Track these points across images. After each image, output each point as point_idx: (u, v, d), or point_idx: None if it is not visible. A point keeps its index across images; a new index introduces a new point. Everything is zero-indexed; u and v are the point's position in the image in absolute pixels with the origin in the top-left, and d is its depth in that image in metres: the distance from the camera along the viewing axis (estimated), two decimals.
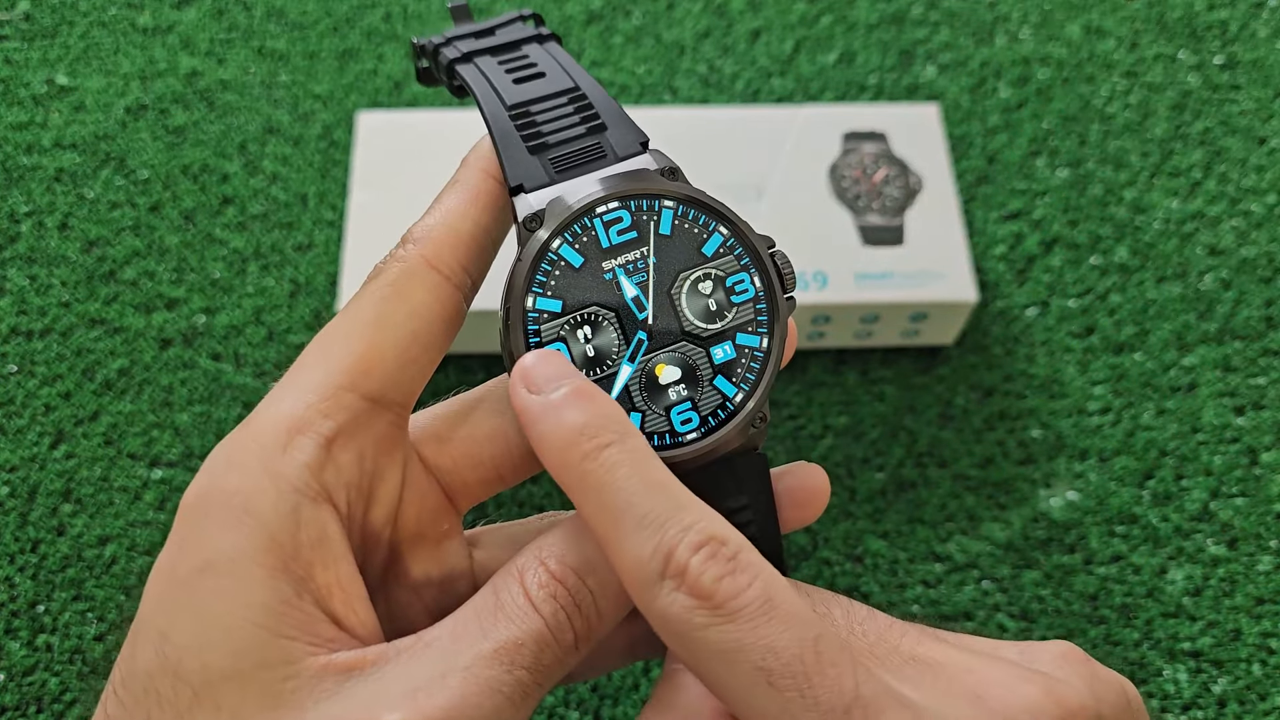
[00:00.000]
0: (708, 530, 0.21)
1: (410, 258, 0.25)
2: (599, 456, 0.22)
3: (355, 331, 0.24)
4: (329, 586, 0.22)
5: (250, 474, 0.22)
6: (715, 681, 0.21)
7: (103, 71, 0.52)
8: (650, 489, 0.21)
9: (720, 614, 0.20)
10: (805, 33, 0.55)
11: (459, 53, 0.28)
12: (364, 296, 0.24)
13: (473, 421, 0.26)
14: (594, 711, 0.39)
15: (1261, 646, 0.41)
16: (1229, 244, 0.50)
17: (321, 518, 0.22)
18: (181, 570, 0.22)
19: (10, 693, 0.38)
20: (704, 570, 0.21)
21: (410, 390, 0.25)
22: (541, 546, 0.23)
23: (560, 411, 0.22)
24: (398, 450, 0.25)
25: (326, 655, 0.21)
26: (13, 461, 0.43)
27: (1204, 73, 0.54)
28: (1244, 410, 0.46)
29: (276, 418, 0.23)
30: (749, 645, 0.20)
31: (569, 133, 0.26)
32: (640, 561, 0.21)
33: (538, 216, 0.24)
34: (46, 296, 0.46)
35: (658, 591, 0.21)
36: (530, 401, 0.22)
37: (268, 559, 0.21)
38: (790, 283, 0.25)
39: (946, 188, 0.47)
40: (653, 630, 0.28)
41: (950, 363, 0.47)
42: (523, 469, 0.27)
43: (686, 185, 0.25)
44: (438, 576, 0.26)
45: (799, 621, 0.21)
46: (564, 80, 0.27)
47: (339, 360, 0.23)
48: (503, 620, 0.22)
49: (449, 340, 0.25)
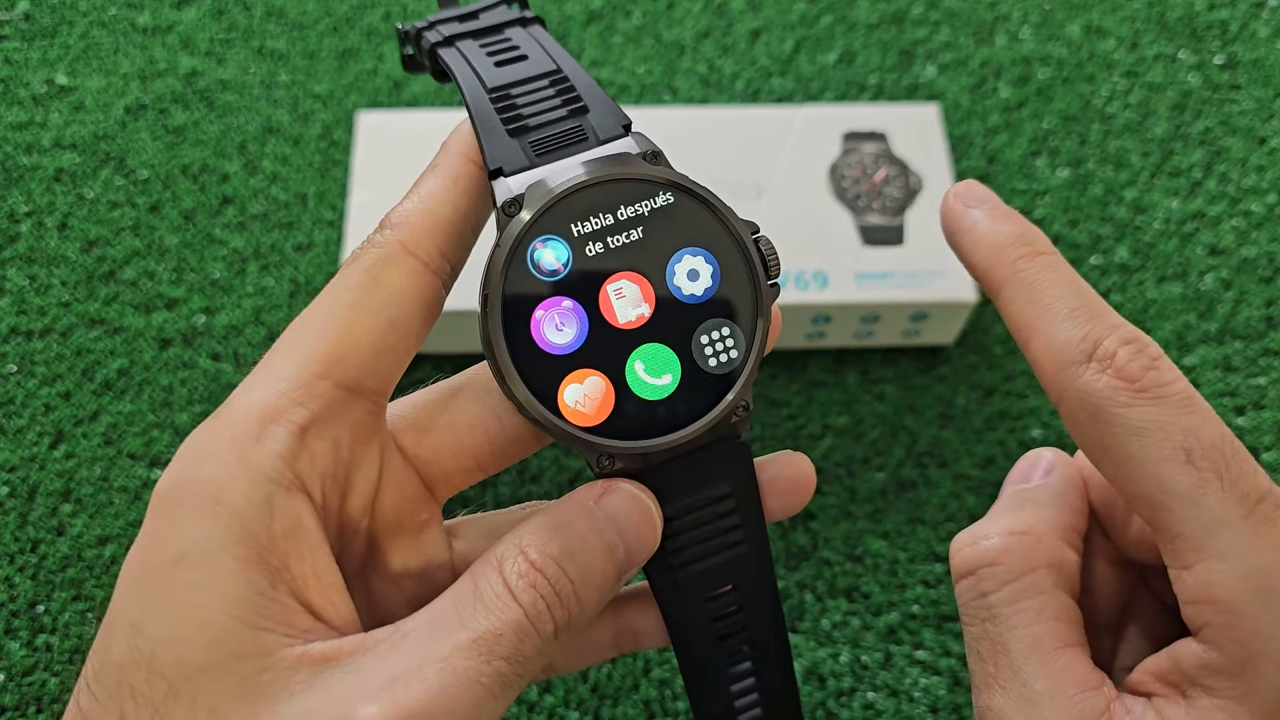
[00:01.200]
0: (1134, 333, 0.24)
1: (387, 243, 0.24)
2: (1034, 260, 0.25)
3: (330, 318, 0.23)
4: (305, 577, 0.22)
5: (223, 464, 0.22)
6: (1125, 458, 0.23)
7: (102, 71, 0.51)
8: (1080, 292, 0.25)
9: (1145, 396, 0.23)
10: (805, 32, 0.55)
11: (440, 36, 0.27)
12: (340, 283, 0.24)
13: (452, 410, 0.26)
14: (594, 712, 0.39)
15: None
16: (1229, 244, 0.50)
17: (296, 507, 0.22)
18: (154, 562, 0.21)
19: (10, 693, 0.38)
20: (1132, 359, 0.23)
21: (387, 378, 0.24)
22: (521, 536, 0.23)
23: (997, 222, 0.26)
24: (375, 439, 0.24)
25: (302, 646, 0.21)
26: (12, 461, 0.43)
27: (1204, 72, 0.54)
28: (1244, 410, 0.46)
29: (249, 406, 0.22)
30: (1171, 425, 0.23)
31: (550, 115, 0.25)
32: (1069, 344, 0.24)
33: (517, 201, 0.24)
34: (46, 296, 0.46)
35: (1081, 370, 0.23)
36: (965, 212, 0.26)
37: (241, 550, 0.21)
38: (774, 269, 0.25)
39: (947, 187, 0.47)
40: (636, 623, 0.28)
41: (951, 362, 0.47)
42: (503, 458, 0.27)
43: (669, 169, 0.25)
44: (416, 567, 0.26)
45: (1218, 420, 0.23)
46: (546, 63, 0.26)
47: (313, 347, 0.23)
48: (481, 610, 0.22)
49: (427, 327, 0.25)
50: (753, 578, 0.26)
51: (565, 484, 0.43)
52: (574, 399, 0.24)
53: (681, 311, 0.24)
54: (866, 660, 0.40)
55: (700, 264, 0.24)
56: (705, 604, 0.26)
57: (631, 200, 0.24)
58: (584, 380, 0.24)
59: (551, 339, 0.24)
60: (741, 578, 0.26)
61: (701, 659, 0.27)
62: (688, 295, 0.24)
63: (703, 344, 0.24)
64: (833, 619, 0.41)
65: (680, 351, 0.24)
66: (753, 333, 0.24)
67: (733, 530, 0.26)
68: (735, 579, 0.26)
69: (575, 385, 0.24)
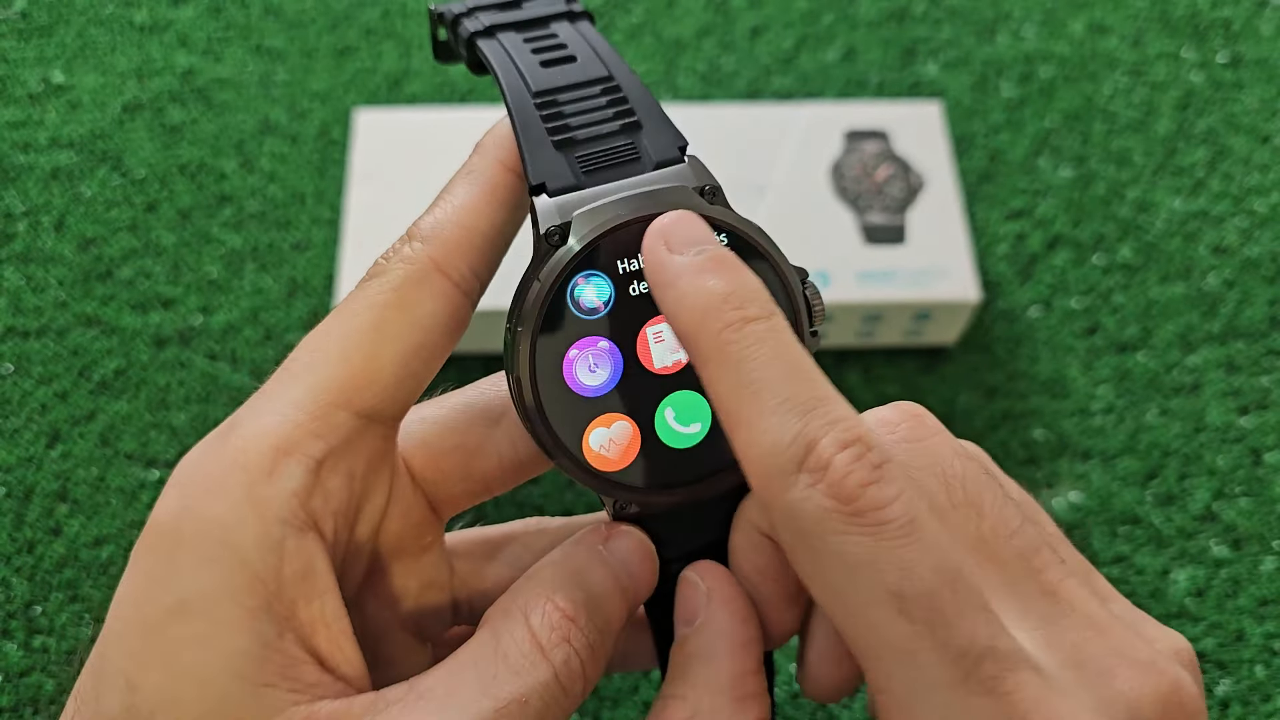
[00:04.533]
0: (856, 430, 0.19)
1: (418, 259, 0.22)
2: (743, 329, 0.20)
3: (351, 340, 0.22)
4: (313, 623, 0.20)
5: (231, 501, 0.20)
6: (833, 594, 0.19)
7: (99, 69, 0.51)
8: (797, 372, 0.19)
9: (859, 523, 0.18)
10: (807, 30, 0.55)
11: (481, 25, 0.25)
12: (362, 298, 0.22)
13: (465, 432, 0.25)
14: (594, 714, 0.39)
15: (1265, 648, 0.41)
16: (1233, 243, 0.49)
17: (308, 549, 0.21)
18: (151, 610, 0.20)
19: (6, 694, 0.38)
20: (850, 471, 0.18)
21: (406, 404, 0.23)
22: (547, 581, 0.21)
23: (703, 275, 0.20)
24: (386, 465, 0.23)
25: (309, 706, 0.20)
26: (8, 462, 0.42)
27: (1208, 71, 0.54)
28: (1248, 410, 0.46)
29: (261, 435, 0.21)
30: (884, 562, 0.18)
31: (600, 129, 0.23)
32: (777, 446, 0.19)
33: (562, 230, 0.22)
34: (42, 296, 0.46)
35: (791, 482, 0.19)
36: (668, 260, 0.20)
37: (248, 598, 0.20)
38: (819, 318, 0.23)
39: (949, 186, 0.46)
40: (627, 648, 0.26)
41: (953, 362, 0.47)
42: (510, 481, 0.25)
43: (726, 209, 0.23)
44: (415, 588, 0.25)
45: (941, 552, 0.18)
46: (597, 68, 0.24)
47: (332, 372, 0.21)
48: (505, 672, 0.20)
49: (450, 348, 0.23)
50: None
51: (565, 483, 0.43)
52: (599, 443, 0.22)
53: None
54: None
55: None
56: None
57: None
58: (611, 425, 0.23)
59: (583, 380, 0.22)
60: None
61: None
62: None
63: None
64: None
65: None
66: None
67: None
68: None
69: (602, 429, 0.22)
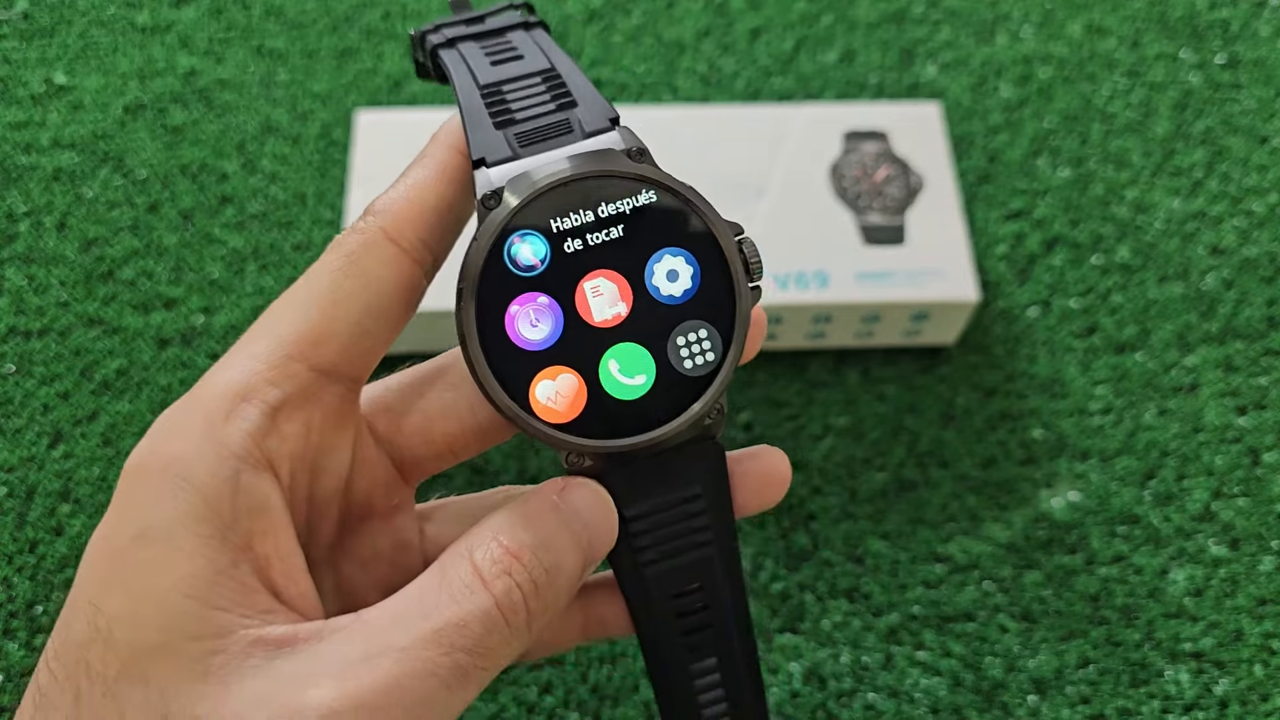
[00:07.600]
0: None
1: (369, 229, 0.24)
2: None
3: (308, 301, 0.23)
4: (268, 556, 0.22)
5: (190, 439, 0.22)
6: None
7: (101, 70, 0.51)
8: None
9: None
10: (806, 31, 0.55)
11: (444, 39, 0.27)
12: (320, 268, 0.24)
13: (426, 396, 0.26)
14: (594, 713, 0.39)
15: (1263, 647, 0.41)
16: (1231, 243, 0.50)
17: (262, 486, 0.22)
18: (116, 539, 0.21)
19: (9, 693, 0.38)
20: None
21: (363, 364, 0.24)
22: (493, 526, 0.23)
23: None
24: (348, 423, 0.24)
25: (259, 628, 0.21)
26: (11, 462, 0.42)
27: (1206, 72, 0.54)
28: (1246, 410, 0.46)
29: (222, 384, 0.22)
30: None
31: (538, 109, 0.25)
32: None
33: (497, 194, 0.23)
34: (44, 296, 0.46)
35: None
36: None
37: (203, 527, 0.21)
38: (757, 271, 0.24)
39: (948, 187, 0.46)
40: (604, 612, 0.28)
41: (952, 363, 0.47)
42: (475, 444, 0.27)
43: (653, 167, 0.24)
44: (387, 551, 0.26)
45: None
46: (540, 62, 0.26)
47: (289, 329, 0.23)
48: (446, 599, 0.21)
49: (407, 315, 0.25)
50: (720, 576, 0.26)
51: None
52: (546, 395, 0.24)
53: (659, 312, 0.24)
54: (867, 661, 0.40)
55: (680, 264, 0.24)
56: (671, 600, 0.26)
57: (613, 197, 0.24)
58: (556, 377, 0.24)
59: (526, 334, 0.23)
60: (709, 576, 0.26)
61: (665, 655, 0.27)
62: (666, 296, 0.24)
63: (679, 345, 0.24)
64: (833, 620, 0.41)
65: (656, 352, 0.24)
66: (731, 335, 0.24)
67: (702, 530, 0.26)
68: (703, 578, 0.26)
69: (548, 382, 0.24)
